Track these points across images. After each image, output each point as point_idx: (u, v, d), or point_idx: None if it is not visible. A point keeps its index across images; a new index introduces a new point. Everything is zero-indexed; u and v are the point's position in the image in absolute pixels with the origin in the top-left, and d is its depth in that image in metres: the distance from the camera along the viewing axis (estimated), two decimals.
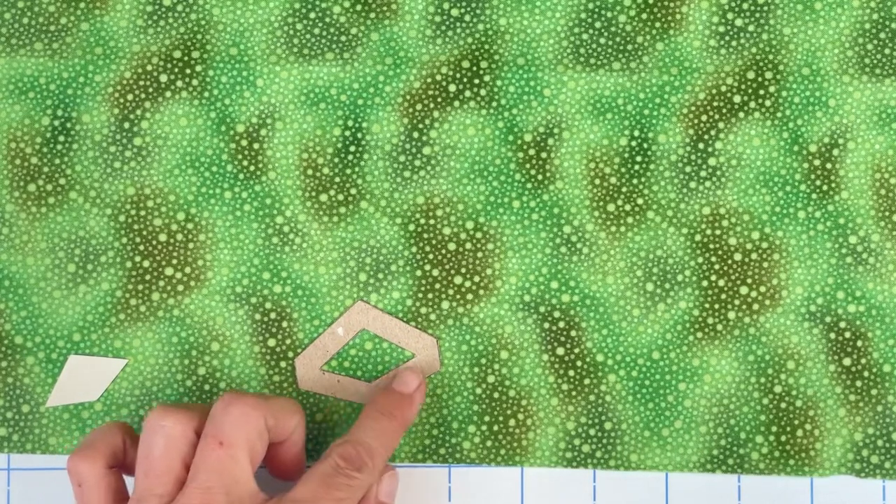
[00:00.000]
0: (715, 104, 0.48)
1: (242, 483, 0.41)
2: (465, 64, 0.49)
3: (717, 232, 0.48)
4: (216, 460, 0.41)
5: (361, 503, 0.43)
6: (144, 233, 0.48)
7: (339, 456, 0.42)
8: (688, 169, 0.48)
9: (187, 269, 0.48)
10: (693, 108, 0.48)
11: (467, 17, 0.49)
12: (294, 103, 0.48)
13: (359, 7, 0.49)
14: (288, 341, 0.48)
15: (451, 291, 0.48)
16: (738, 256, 0.48)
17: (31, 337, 0.48)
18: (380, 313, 0.48)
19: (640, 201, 0.48)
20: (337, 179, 0.48)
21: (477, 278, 0.48)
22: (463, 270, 0.48)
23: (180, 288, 0.48)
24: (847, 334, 0.48)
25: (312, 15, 0.49)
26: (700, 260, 0.48)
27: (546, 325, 0.48)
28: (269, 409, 0.42)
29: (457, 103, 0.48)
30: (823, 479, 0.48)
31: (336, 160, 0.48)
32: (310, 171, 0.48)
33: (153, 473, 0.41)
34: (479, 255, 0.48)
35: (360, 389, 0.48)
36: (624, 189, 0.48)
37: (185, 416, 0.42)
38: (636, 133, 0.48)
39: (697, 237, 0.48)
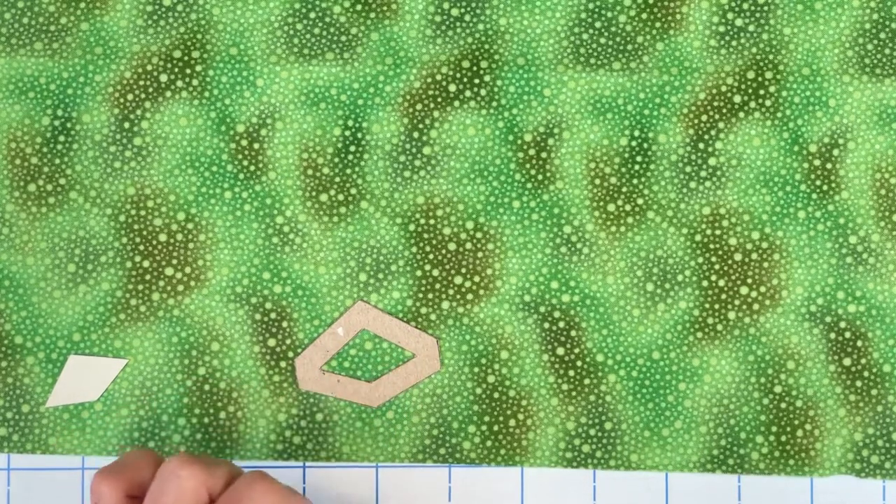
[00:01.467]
0: (715, 104, 0.48)
1: None
2: (466, 64, 0.49)
3: (718, 232, 0.48)
4: None
5: None
6: (144, 233, 0.48)
7: None
8: (688, 169, 0.48)
9: (187, 269, 0.48)
10: (693, 108, 0.48)
11: (467, 17, 0.49)
12: (294, 103, 0.48)
13: (359, 7, 0.49)
14: (288, 341, 0.48)
15: (451, 291, 0.48)
16: (738, 256, 0.48)
17: (31, 337, 0.48)
18: (380, 313, 0.48)
19: (640, 201, 0.48)
20: (337, 179, 0.48)
21: (477, 278, 0.48)
22: (463, 270, 0.48)
23: (180, 288, 0.48)
24: (847, 334, 0.48)
25: (312, 15, 0.49)
26: (700, 260, 0.48)
27: (546, 325, 0.48)
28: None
29: (457, 103, 0.48)
30: (823, 479, 0.48)
31: (336, 160, 0.48)
32: (310, 171, 0.48)
33: None
34: (480, 255, 0.48)
35: (360, 389, 0.48)
36: (624, 189, 0.48)
37: (203, 471, 0.41)
38: (636, 133, 0.48)
39: (697, 237, 0.48)
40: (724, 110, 0.48)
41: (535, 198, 0.48)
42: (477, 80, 0.48)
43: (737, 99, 0.48)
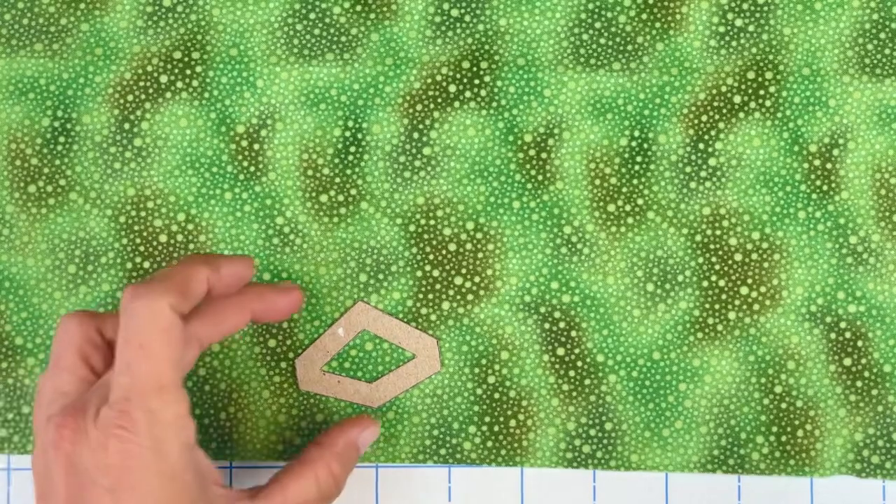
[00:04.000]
0: (715, 104, 0.48)
1: None
2: (466, 64, 0.48)
3: (718, 232, 0.48)
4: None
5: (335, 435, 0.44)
6: (145, 234, 0.48)
7: None
8: (688, 169, 0.48)
9: None
10: (693, 109, 0.48)
11: (467, 18, 0.49)
12: (294, 104, 0.48)
13: (359, 8, 0.49)
14: (288, 342, 0.48)
15: (451, 292, 0.48)
16: (738, 257, 0.48)
17: (32, 338, 0.48)
18: (380, 314, 0.48)
19: (640, 202, 0.48)
20: (337, 180, 0.48)
21: (477, 279, 0.48)
22: (463, 271, 0.48)
23: None
24: (847, 334, 0.48)
25: (312, 16, 0.49)
26: (700, 260, 0.48)
27: (546, 326, 0.48)
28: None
29: (457, 104, 0.48)
30: (823, 480, 0.48)
31: (336, 161, 0.48)
32: (310, 172, 0.48)
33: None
34: (480, 255, 0.48)
35: (360, 390, 0.48)
36: (624, 189, 0.48)
37: (153, 294, 0.39)
38: (636, 133, 0.48)
39: (698, 237, 0.48)
40: (724, 110, 0.48)
41: (535, 198, 0.48)
42: (477, 81, 0.48)
43: (737, 99, 0.48)
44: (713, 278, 0.48)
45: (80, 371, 0.41)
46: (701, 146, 0.48)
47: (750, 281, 0.48)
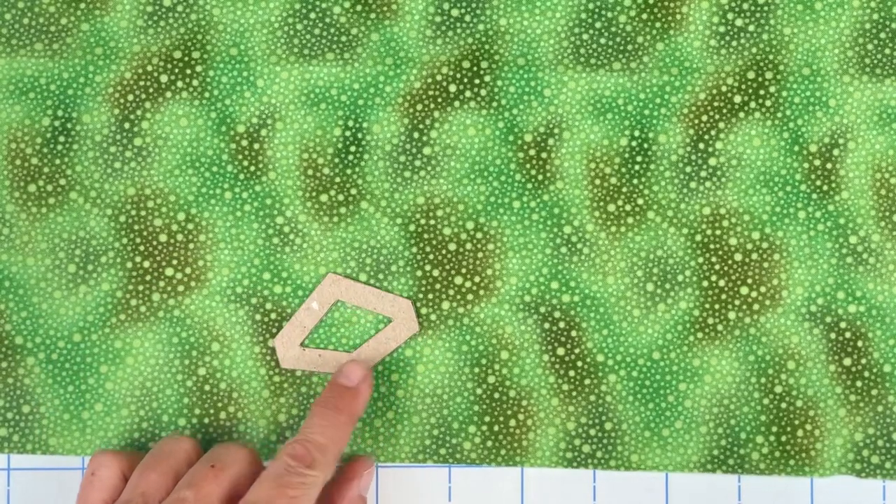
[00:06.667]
0: (715, 104, 0.48)
1: None
2: (466, 64, 0.49)
3: (718, 232, 0.48)
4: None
5: (338, 499, 0.45)
6: (145, 233, 0.48)
7: (289, 455, 0.42)
8: (688, 169, 0.48)
9: (188, 270, 0.48)
10: (693, 109, 0.48)
11: (467, 18, 0.49)
12: (294, 103, 0.48)
13: (359, 7, 0.49)
14: None
15: (451, 292, 0.48)
16: (738, 256, 0.48)
17: (32, 337, 0.48)
18: (351, 283, 0.48)
19: (640, 201, 0.48)
20: (337, 180, 0.48)
21: (477, 279, 0.48)
22: (463, 271, 0.48)
23: (181, 288, 0.48)
24: (847, 334, 0.48)
25: (313, 15, 0.49)
26: (700, 260, 0.48)
27: (546, 326, 0.48)
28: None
29: (457, 103, 0.48)
30: (823, 479, 0.48)
31: (336, 160, 0.48)
32: (310, 172, 0.48)
33: None
34: (480, 255, 0.48)
35: (342, 361, 0.48)
36: (624, 189, 0.48)
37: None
38: (636, 133, 0.48)
39: (698, 237, 0.48)
40: (725, 110, 0.48)
41: (535, 198, 0.48)
42: (477, 81, 0.48)
43: (737, 99, 0.48)
44: (713, 278, 0.48)
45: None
46: (701, 146, 0.48)
47: (750, 281, 0.48)
